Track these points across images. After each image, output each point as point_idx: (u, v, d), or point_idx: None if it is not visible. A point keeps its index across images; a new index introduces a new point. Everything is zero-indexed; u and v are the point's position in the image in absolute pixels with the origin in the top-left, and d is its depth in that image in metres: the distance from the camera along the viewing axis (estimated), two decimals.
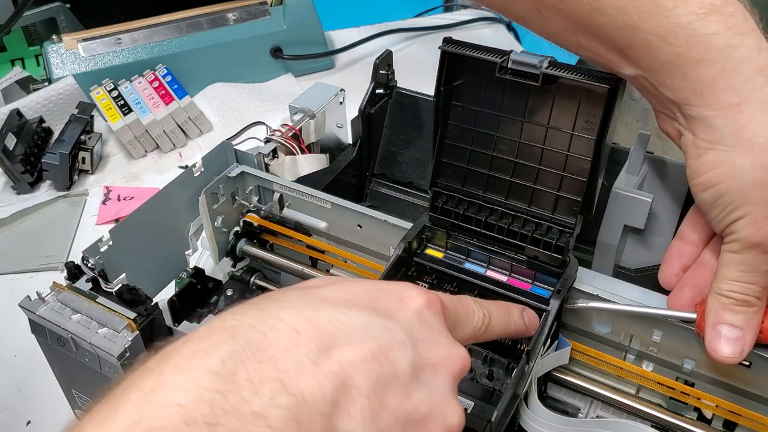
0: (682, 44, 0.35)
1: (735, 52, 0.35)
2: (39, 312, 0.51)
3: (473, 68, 0.48)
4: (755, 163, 0.35)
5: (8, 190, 0.94)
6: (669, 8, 0.35)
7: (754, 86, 0.35)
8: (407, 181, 0.78)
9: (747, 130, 0.35)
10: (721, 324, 0.39)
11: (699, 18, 0.35)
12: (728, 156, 0.35)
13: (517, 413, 0.46)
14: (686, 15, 0.35)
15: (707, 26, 0.35)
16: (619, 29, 0.37)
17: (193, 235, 0.64)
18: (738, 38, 0.35)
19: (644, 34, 0.36)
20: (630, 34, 0.37)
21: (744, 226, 0.36)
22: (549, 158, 0.48)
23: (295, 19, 1.11)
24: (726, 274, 0.38)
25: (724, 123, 0.35)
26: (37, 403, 0.69)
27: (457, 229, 0.53)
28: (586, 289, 0.50)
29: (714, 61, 0.35)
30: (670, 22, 0.35)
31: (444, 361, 0.33)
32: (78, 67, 1.03)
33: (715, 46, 0.35)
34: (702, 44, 0.35)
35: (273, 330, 0.29)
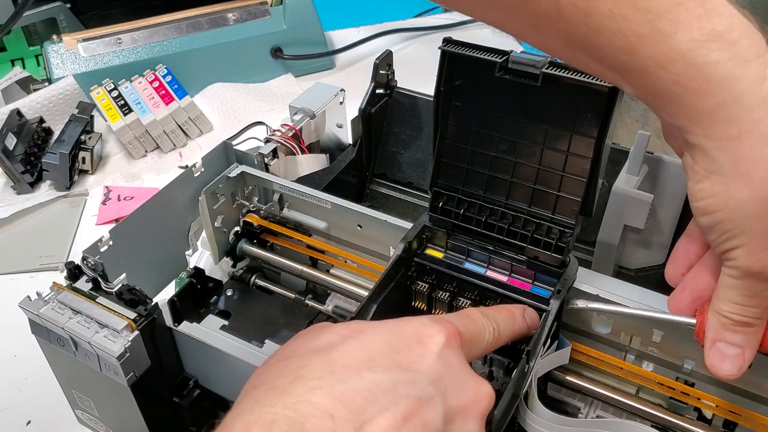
0: (681, 73, 0.34)
1: (736, 83, 0.33)
2: (39, 312, 0.51)
3: (473, 68, 0.48)
4: (754, 195, 0.34)
5: (8, 190, 0.94)
6: (669, 34, 0.33)
7: (755, 118, 0.33)
8: (407, 181, 0.78)
9: (746, 162, 0.34)
10: (720, 341, 0.39)
11: (700, 46, 0.33)
12: (726, 186, 0.34)
13: (517, 413, 0.46)
14: (686, 42, 0.33)
15: (708, 55, 0.33)
16: (617, 52, 0.35)
17: (193, 235, 0.64)
18: (741, 68, 0.33)
19: (642, 59, 0.35)
20: (627, 57, 0.35)
21: (742, 255, 0.35)
22: (549, 158, 0.48)
23: (295, 19, 1.11)
24: (725, 295, 0.38)
25: (723, 154, 0.34)
26: (37, 403, 0.69)
27: (457, 229, 0.53)
28: (586, 289, 0.49)
29: (714, 93, 0.34)
30: (670, 49, 0.34)
31: (472, 403, 0.35)
32: (78, 67, 1.03)
33: (715, 76, 0.33)
34: (702, 74, 0.34)
35: (308, 418, 0.30)
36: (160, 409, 0.55)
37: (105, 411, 0.57)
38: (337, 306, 0.60)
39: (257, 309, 0.62)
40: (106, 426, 0.58)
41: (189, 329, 0.52)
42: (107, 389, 0.52)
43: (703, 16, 0.33)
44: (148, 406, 0.53)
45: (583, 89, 0.45)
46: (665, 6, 0.33)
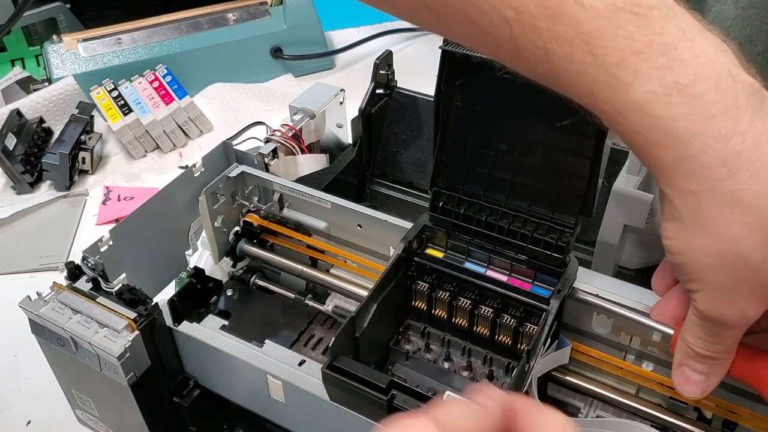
0: (639, 123, 0.33)
1: (696, 140, 0.32)
2: (39, 312, 0.51)
3: (474, 68, 0.48)
4: (710, 248, 0.33)
5: (8, 190, 0.94)
6: (626, 83, 0.32)
7: (715, 176, 0.32)
8: (407, 181, 0.78)
9: (704, 216, 0.33)
10: (685, 366, 0.39)
11: (658, 98, 0.32)
12: (685, 234, 0.34)
13: None
14: (644, 93, 0.32)
15: (666, 108, 0.32)
16: (578, 95, 0.34)
17: (193, 235, 0.64)
18: (703, 124, 0.32)
19: (602, 104, 0.34)
20: (588, 101, 0.34)
21: (700, 299, 0.35)
22: (549, 158, 0.48)
23: (295, 19, 1.11)
24: (690, 329, 0.38)
25: (683, 204, 0.33)
26: (37, 403, 0.69)
27: (457, 229, 0.53)
28: (586, 289, 0.50)
29: (672, 147, 0.32)
30: (627, 98, 0.32)
31: None
32: (78, 67, 1.03)
33: (674, 130, 0.32)
34: (660, 127, 0.32)
35: None
36: (160, 409, 0.55)
37: (105, 411, 0.57)
38: (337, 306, 0.60)
39: (257, 309, 0.62)
40: (106, 426, 0.58)
41: (189, 329, 0.52)
42: (107, 389, 0.52)
43: (665, 66, 0.32)
44: (148, 406, 0.53)
45: None
46: (622, 54, 0.32)
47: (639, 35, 0.32)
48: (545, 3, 0.32)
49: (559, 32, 0.33)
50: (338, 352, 0.45)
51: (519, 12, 0.33)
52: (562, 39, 0.33)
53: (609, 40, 0.32)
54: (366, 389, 0.43)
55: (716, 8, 0.82)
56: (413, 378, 0.54)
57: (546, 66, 0.34)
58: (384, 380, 0.43)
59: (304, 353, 0.54)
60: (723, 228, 0.33)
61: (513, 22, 0.33)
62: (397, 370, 0.55)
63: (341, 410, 0.46)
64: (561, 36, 0.33)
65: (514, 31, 0.34)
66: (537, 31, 0.33)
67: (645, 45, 0.32)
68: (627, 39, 0.32)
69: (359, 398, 0.44)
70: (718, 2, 0.81)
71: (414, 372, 0.54)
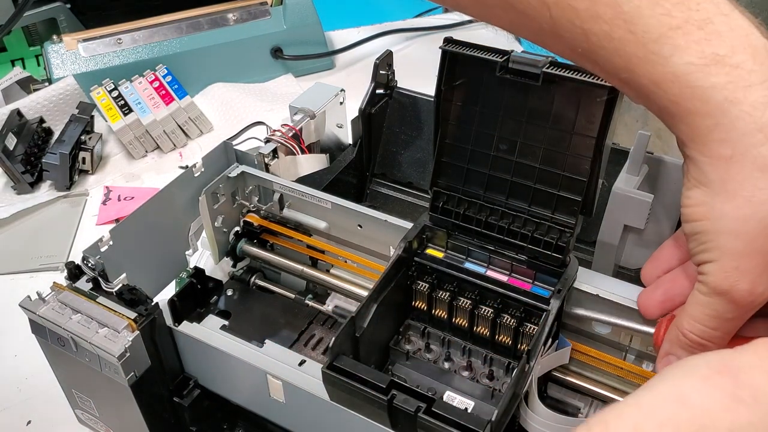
0: (678, 94, 0.34)
1: (734, 107, 0.33)
2: (39, 312, 0.51)
3: (474, 68, 0.48)
4: (735, 213, 0.34)
5: (8, 190, 0.94)
6: (665, 56, 0.34)
7: (751, 142, 0.33)
8: (407, 181, 0.78)
9: (734, 181, 0.34)
10: (672, 355, 0.39)
11: (697, 69, 0.33)
12: (711, 198, 0.35)
13: (517, 413, 0.46)
14: (683, 65, 0.33)
15: (705, 78, 0.33)
16: (616, 70, 0.36)
17: (193, 235, 0.64)
18: (741, 92, 0.33)
19: (639, 78, 0.35)
20: (626, 75, 0.35)
21: (713, 270, 0.36)
22: (549, 158, 0.48)
23: (295, 19, 1.11)
24: (691, 312, 0.38)
25: (713, 170, 0.34)
26: (37, 403, 0.69)
27: (457, 229, 0.53)
28: (586, 289, 0.50)
29: (710, 114, 0.34)
30: (666, 71, 0.34)
31: None
32: (78, 67, 1.03)
33: (713, 99, 0.33)
34: (698, 96, 0.34)
35: None
36: (160, 409, 0.55)
37: (105, 411, 0.57)
38: (337, 306, 0.60)
39: (257, 309, 0.62)
40: (106, 426, 0.58)
41: (189, 329, 0.52)
42: (107, 389, 0.52)
43: (703, 39, 0.33)
44: (148, 406, 0.53)
45: (583, 89, 0.45)
46: (661, 30, 0.33)
47: (677, 12, 0.33)
48: None
49: (598, 12, 0.34)
50: (338, 352, 0.45)
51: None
52: (601, 19, 0.34)
53: (647, 18, 0.33)
54: (366, 389, 0.43)
55: None
56: (413, 378, 0.54)
57: (585, 45, 0.36)
58: (384, 380, 0.43)
59: (304, 353, 0.54)
60: (752, 192, 0.34)
61: (552, 5, 0.35)
62: (397, 370, 0.55)
63: (341, 410, 0.46)
64: (600, 16, 0.34)
65: (553, 12, 0.35)
66: (576, 12, 0.34)
67: (683, 21, 0.33)
68: (665, 16, 0.33)
69: (359, 398, 0.44)
70: None
71: (414, 372, 0.54)
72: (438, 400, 0.42)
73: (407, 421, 0.43)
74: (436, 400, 0.42)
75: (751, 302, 0.35)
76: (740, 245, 0.34)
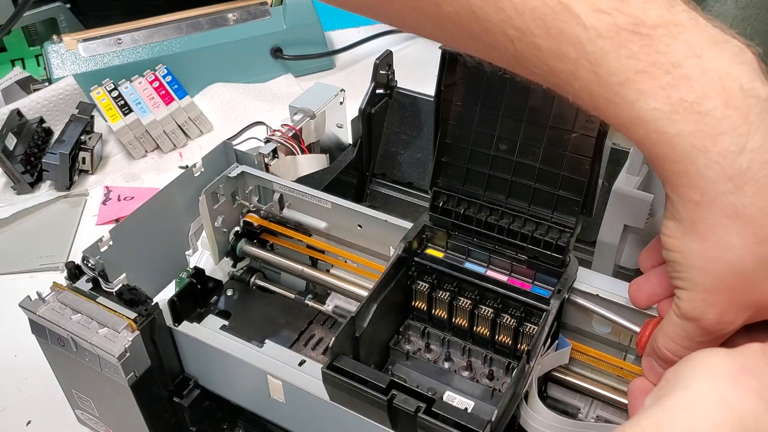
0: (645, 137, 0.33)
1: (702, 155, 0.32)
2: (39, 312, 0.51)
3: (474, 67, 0.48)
4: (704, 253, 0.34)
5: (8, 190, 0.94)
6: (630, 101, 0.32)
7: (720, 190, 0.32)
8: (407, 181, 0.78)
9: (703, 224, 0.34)
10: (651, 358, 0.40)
11: (664, 116, 0.32)
12: (684, 235, 0.35)
13: (517, 413, 0.46)
14: (649, 111, 0.32)
15: (671, 125, 0.32)
16: (586, 107, 0.35)
17: (193, 235, 0.64)
18: (710, 140, 0.32)
19: (608, 118, 0.34)
20: (597, 113, 0.35)
21: (684, 297, 0.36)
22: (549, 158, 0.48)
23: (295, 19, 1.11)
24: (665, 329, 0.38)
25: (685, 210, 0.34)
26: (37, 403, 0.69)
27: (457, 229, 0.53)
28: (586, 289, 0.50)
29: (677, 161, 0.33)
30: (632, 115, 0.33)
31: None
32: (78, 67, 1.03)
33: (679, 146, 0.32)
34: (665, 143, 0.33)
35: None
36: (160, 409, 0.55)
37: (105, 411, 0.57)
38: (337, 306, 0.60)
39: (257, 309, 0.62)
40: (106, 426, 0.58)
41: (189, 329, 0.52)
42: (107, 389, 0.52)
43: (670, 84, 0.32)
44: (148, 406, 0.53)
45: None
46: (626, 74, 0.32)
47: (642, 55, 0.32)
48: (546, 23, 0.33)
49: (562, 51, 0.33)
50: (338, 353, 0.45)
51: (521, 31, 0.33)
52: (565, 58, 0.33)
53: (612, 61, 0.32)
54: (366, 389, 0.43)
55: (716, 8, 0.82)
56: (413, 378, 0.54)
57: (551, 79, 0.35)
58: (384, 380, 0.43)
59: (304, 353, 0.54)
60: (720, 237, 0.33)
61: (516, 41, 0.34)
62: (397, 370, 0.55)
63: (341, 410, 0.46)
64: (564, 55, 0.33)
65: (517, 48, 0.34)
66: (539, 49, 0.34)
67: (649, 64, 0.32)
68: (630, 59, 0.32)
69: (359, 398, 0.44)
70: (718, 2, 0.81)
71: (414, 372, 0.54)
72: (438, 400, 0.42)
73: (407, 421, 0.43)
74: (436, 400, 0.42)
75: (719, 330, 0.36)
76: (709, 282, 0.35)
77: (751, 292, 0.34)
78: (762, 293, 0.34)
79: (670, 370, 0.35)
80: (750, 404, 0.31)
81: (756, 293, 0.34)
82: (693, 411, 0.31)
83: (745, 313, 0.35)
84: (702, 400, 0.31)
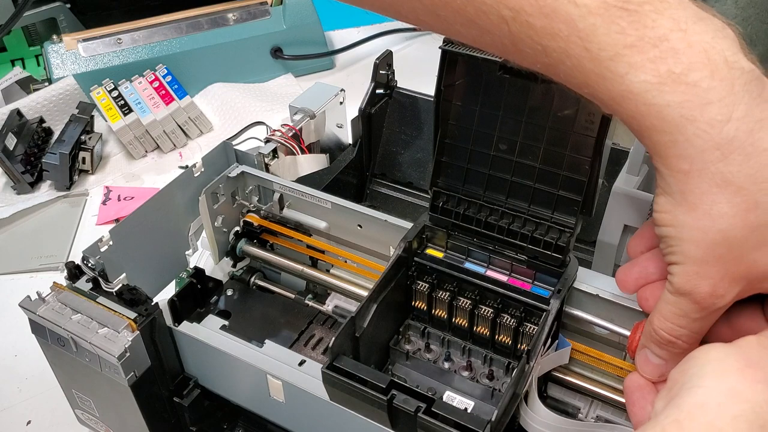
0: (635, 110, 0.34)
1: (690, 125, 0.33)
2: (39, 312, 0.51)
3: (473, 67, 0.48)
4: (695, 224, 0.35)
5: (8, 190, 0.94)
6: (620, 74, 0.34)
7: (708, 158, 0.34)
8: (407, 181, 0.78)
9: (693, 194, 0.35)
10: (647, 349, 0.40)
11: (653, 87, 0.33)
12: (675, 208, 0.36)
13: (517, 413, 0.46)
14: (638, 83, 0.34)
15: (661, 96, 0.33)
16: (578, 85, 0.36)
17: (193, 235, 0.64)
18: (697, 110, 0.33)
19: (600, 94, 0.35)
20: (587, 92, 0.36)
21: (677, 272, 0.37)
22: (549, 158, 0.48)
23: (295, 19, 1.11)
24: (660, 309, 0.39)
25: (675, 182, 0.35)
26: (37, 403, 0.69)
27: (457, 229, 0.53)
28: (586, 289, 0.50)
29: (666, 131, 0.34)
30: (623, 89, 0.34)
31: None
32: (78, 67, 1.03)
33: (669, 117, 0.34)
34: (655, 114, 0.34)
35: None
36: (160, 409, 0.55)
37: (105, 411, 0.57)
38: (337, 306, 0.60)
39: (257, 309, 0.62)
40: (106, 426, 0.58)
41: (189, 329, 0.52)
42: (107, 389, 0.52)
43: (658, 57, 0.33)
44: (148, 406, 0.53)
45: None
46: (615, 48, 0.33)
47: (631, 30, 0.33)
48: (539, 2, 0.34)
49: (554, 29, 0.34)
50: (338, 353, 0.45)
51: (515, 11, 0.35)
52: (557, 36, 0.34)
53: (602, 36, 0.34)
54: (366, 389, 0.43)
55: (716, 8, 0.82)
56: (413, 378, 0.54)
57: (544, 60, 0.36)
58: (384, 380, 0.43)
59: (304, 353, 0.54)
60: (710, 206, 0.34)
61: (510, 21, 0.35)
62: (397, 370, 0.55)
63: (341, 410, 0.46)
64: (556, 33, 0.34)
65: (511, 28, 0.35)
66: (533, 28, 0.35)
67: (637, 39, 0.33)
68: (619, 34, 0.33)
69: (359, 398, 0.44)
70: (718, 2, 0.81)
71: (414, 372, 0.54)
72: (438, 400, 0.42)
73: (407, 421, 0.43)
74: (436, 400, 0.42)
75: (712, 304, 0.36)
76: (701, 253, 0.35)
77: (742, 261, 0.35)
78: (753, 262, 0.35)
79: (675, 371, 0.35)
80: (762, 395, 0.32)
81: (747, 262, 0.35)
82: (709, 407, 0.32)
83: (737, 285, 0.36)
84: (715, 395, 0.32)
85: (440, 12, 0.37)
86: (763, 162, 0.33)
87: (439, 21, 0.38)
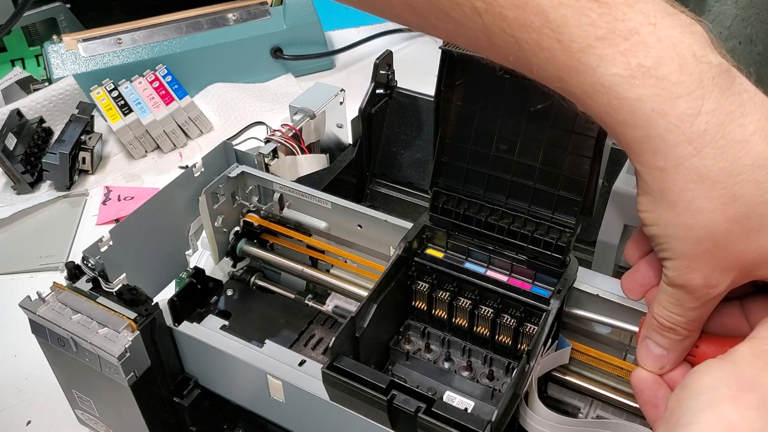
0: (607, 104, 0.34)
1: (661, 119, 0.33)
2: (39, 312, 0.51)
3: (473, 67, 0.48)
4: (678, 221, 0.35)
5: (8, 190, 0.94)
6: (592, 66, 0.34)
7: (681, 153, 0.34)
8: (407, 181, 0.78)
9: (671, 191, 0.35)
10: (648, 339, 0.41)
11: (624, 80, 0.33)
12: (656, 206, 0.36)
13: (517, 413, 0.46)
14: (609, 76, 0.34)
15: (632, 90, 0.33)
16: (550, 78, 0.36)
17: (193, 235, 0.64)
18: (667, 104, 0.33)
19: (571, 87, 0.35)
20: (559, 85, 0.36)
21: (670, 266, 0.37)
22: (549, 158, 0.48)
23: (295, 19, 1.11)
24: (659, 299, 0.39)
25: (652, 180, 0.35)
26: (37, 403, 0.69)
27: (457, 229, 0.53)
28: (586, 289, 0.50)
29: (638, 126, 0.34)
30: (594, 81, 0.34)
31: None
32: (78, 67, 1.03)
33: (640, 111, 0.34)
34: (626, 108, 0.34)
35: None
36: (160, 409, 0.55)
37: (105, 411, 0.57)
38: (337, 306, 0.60)
39: (257, 309, 0.62)
40: (106, 426, 0.58)
41: (189, 329, 0.52)
42: (107, 389, 0.52)
43: (628, 50, 0.33)
44: (148, 406, 0.53)
45: None
46: (587, 40, 0.34)
47: (602, 22, 0.33)
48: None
49: (526, 21, 0.34)
50: (338, 353, 0.45)
51: (488, 2, 0.35)
52: (529, 27, 0.34)
53: (573, 28, 0.34)
54: (366, 389, 0.43)
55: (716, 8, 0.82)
56: (413, 378, 0.54)
57: (518, 53, 0.36)
58: (384, 380, 0.43)
59: (304, 353, 0.54)
60: (689, 202, 0.34)
61: (483, 12, 0.35)
62: (397, 370, 0.55)
63: (341, 410, 0.46)
64: (528, 24, 0.34)
65: (485, 20, 0.35)
66: (506, 20, 0.35)
67: (608, 31, 0.33)
68: (590, 26, 0.34)
69: (359, 398, 0.44)
70: (718, 2, 0.81)
71: (414, 372, 0.54)
72: (438, 400, 0.42)
73: (407, 421, 0.43)
74: (436, 400, 0.42)
75: (707, 293, 0.37)
76: (688, 249, 0.36)
77: (730, 253, 0.35)
78: (741, 252, 0.35)
79: (672, 399, 0.35)
80: (758, 423, 0.32)
81: (735, 253, 0.35)
82: None
83: (729, 275, 0.36)
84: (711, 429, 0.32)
85: (415, 5, 0.37)
86: (736, 154, 0.33)
87: (415, 14, 0.38)
